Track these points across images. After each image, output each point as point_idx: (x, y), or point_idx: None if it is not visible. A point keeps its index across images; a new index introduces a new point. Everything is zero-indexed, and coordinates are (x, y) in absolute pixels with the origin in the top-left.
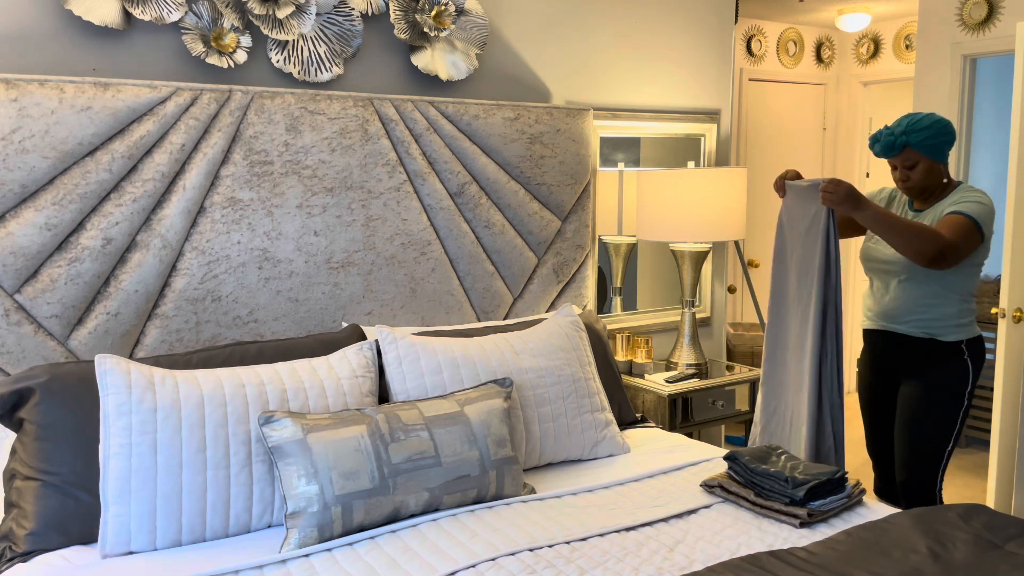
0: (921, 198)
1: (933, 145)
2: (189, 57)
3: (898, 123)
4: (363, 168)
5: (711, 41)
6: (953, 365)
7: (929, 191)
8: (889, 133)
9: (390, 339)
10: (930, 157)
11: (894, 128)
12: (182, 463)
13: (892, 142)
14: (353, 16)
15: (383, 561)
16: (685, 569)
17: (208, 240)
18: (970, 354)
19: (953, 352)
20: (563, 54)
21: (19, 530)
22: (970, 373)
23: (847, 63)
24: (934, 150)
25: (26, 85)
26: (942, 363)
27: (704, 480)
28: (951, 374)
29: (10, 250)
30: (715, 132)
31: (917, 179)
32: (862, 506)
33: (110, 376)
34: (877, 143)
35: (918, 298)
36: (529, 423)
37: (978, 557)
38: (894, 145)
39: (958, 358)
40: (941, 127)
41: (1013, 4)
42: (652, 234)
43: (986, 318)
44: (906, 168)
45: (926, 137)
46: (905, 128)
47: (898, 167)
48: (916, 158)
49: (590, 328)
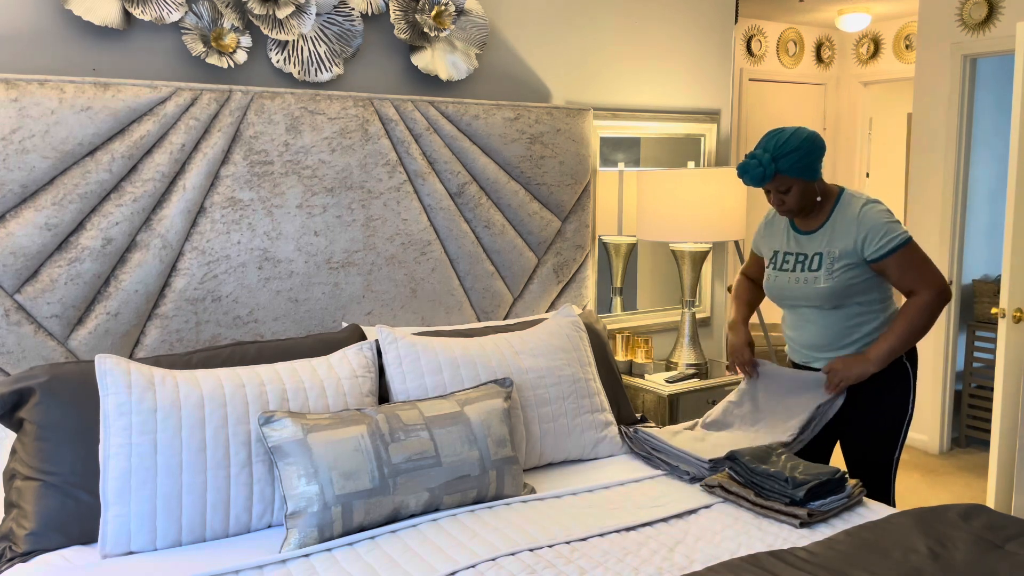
0: (800, 216)
1: (804, 166)
2: (189, 57)
3: (763, 148)
4: (363, 168)
5: (711, 41)
6: (893, 372)
7: (808, 209)
8: (757, 164)
9: (390, 339)
10: (803, 179)
11: (760, 156)
12: (182, 463)
13: (762, 173)
14: (353, 16)
15: (383, 561)
16: (685, 569)
17: (208, 240)
18: (906, 355)
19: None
20: (563, 54)
21: (19, 530)
22: (910, 374)
23: (847, 63)
24: (806, 171)
25: (26, 85)
26: (883, 375)
27: (704, 480)
28: (893, 381)
29: (10, 250)
30: (715, 132)
31: (793, 203)
32: (862, 506)
33: (110, 376)
34: (746, 174)
35: (841, 326)
36: (529, 423)
37: (978, 557)
38: (764, 176)
39: (896, 364)
40: (809, 145)
41: (1013, 4)
42: (652, 234)
43: (986, 318)
44: (780, 193)
45: (796, 161)
46: (773, 154)
47: (772, 191)
48: (789, 183)
49: (590, 328)
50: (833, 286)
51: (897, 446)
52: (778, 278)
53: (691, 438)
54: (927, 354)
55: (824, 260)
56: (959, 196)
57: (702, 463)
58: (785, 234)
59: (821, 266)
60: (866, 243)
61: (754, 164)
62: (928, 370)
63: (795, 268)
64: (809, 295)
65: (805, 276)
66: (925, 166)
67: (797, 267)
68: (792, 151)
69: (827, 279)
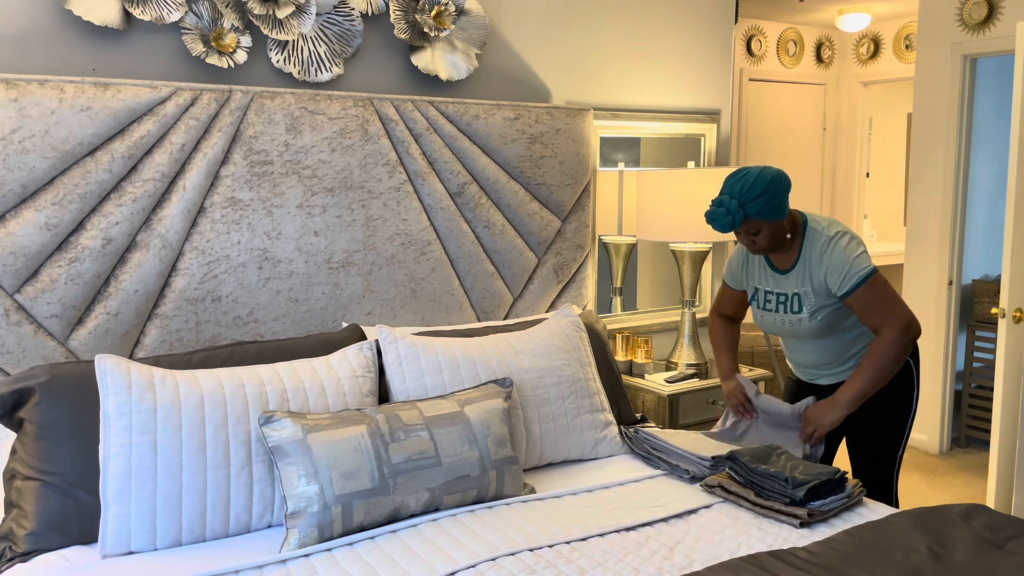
0: (772, 253)
1: (772, 208)
2: (189, 57)
3: (729, 193)
4: (363, 168)
5: (711, 41)
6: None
7: (779, 246)
8: (725, 213)
9: (390, 339)
10: (772, 219)
11: (727, 204)
12: (182, 463)
13: (731, 221)
14: (353, 16)
15: (383, 561)
16: (685, 569)
17: (208, 240)
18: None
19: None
20: (563, 54)
21: (19, 530)
22: (914, 371)
23: (847, 63)
24: (774, 212)
25: (26, 85)
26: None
27: (704, 480)
28: (896, 378)
29: (10, 250)
30: (715, 132)
31: (764, 243)
32: (862, 506)
33: (110, 376)
34: (715, 222)
35: (839, 346)
36: (529, 423)
37: (978, 557)
38: (733, 223)
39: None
40: (775, 186)
41: (1013, 4)
42: (652, 234)
43: (986, 318)
44: (751, 235)
45: (763, 204)
46: (740, 200)
47: (742, 233)
48: (759, 225)
49: (590, 328)
50: (819, 323)
51: (901, 443)
52: (765, 317)
53: (692, 439)
54: (927, 354)
55: (804, 300)
56: (959, 196)
57: (703, 461)
58: (762, 272)
59: (803, 307)
60: (829, 282)
61: (722, 212)
62: (928, 370)
63: (778, 309)
64: (799, 333)
65: (790, 318)
66: (925, 166)
67: (780, 308)
68: (759, 195)
69: (811, 319)
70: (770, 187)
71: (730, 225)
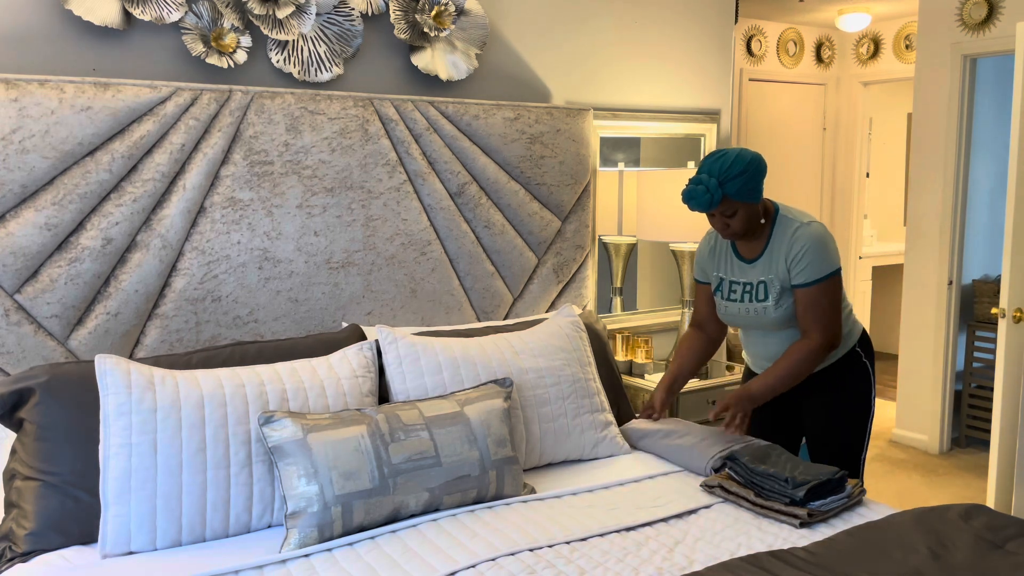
0: (744, 239)
1: (750, 190)
2: (189, 57)
3: (707, 172)
4: (363, 168)
5: (711, 41)
6: (853, 371)
7: (751, 231)
8: (704, 190)
9: (390, 339)
10: (749, 202)
11: (706, 182)
12: (182, 463)
13: (709, 199)
14: (353, 16)
15: (383, 561)
16: (685, 569)
17: (208, 240)
18: (864, 353)
19: (849, 360)
20: (563, 54)
21: (19, 530)
22: (870, 371)
23: (847, 63)
24: (751, 194)
25: (26, 85)
26: (843, 374)
27: (704, 480)
28: (853, 379)
29: (10, 250)
30: (715, 132)
31: (738, 226)
32: (862, 506)
33: (110, 376)
34: (692, 200)
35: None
36: (529, 423)
37: (978, 557)
38: (712, 201)
39: (856, 362)
40: (754, 167)
41: (1013, 4)
42: (652, 234)
43: (986, 318)
44: (726, 217)
45: (742, 185)
46: (719, 179)
47: (716, 215)
48: (735, 207)
49: (590, 328)
50: (783, 313)
51: (863, 443)
52: (728, 308)
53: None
54: (927, 354)
55: (769, 289)
56: (959, 196)
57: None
58: (728, 261)
59: (768, 295)
60: (792, 265)
61: (701, 190)
62: (928, 370)
63: (743, 299)
64: (763, 323)
65: (755, 307)
66: (925, 166)
67: (745, 297)
68: (739, 175)
69: (776, 307)
70: (749, 167)
71: (708, 204)
